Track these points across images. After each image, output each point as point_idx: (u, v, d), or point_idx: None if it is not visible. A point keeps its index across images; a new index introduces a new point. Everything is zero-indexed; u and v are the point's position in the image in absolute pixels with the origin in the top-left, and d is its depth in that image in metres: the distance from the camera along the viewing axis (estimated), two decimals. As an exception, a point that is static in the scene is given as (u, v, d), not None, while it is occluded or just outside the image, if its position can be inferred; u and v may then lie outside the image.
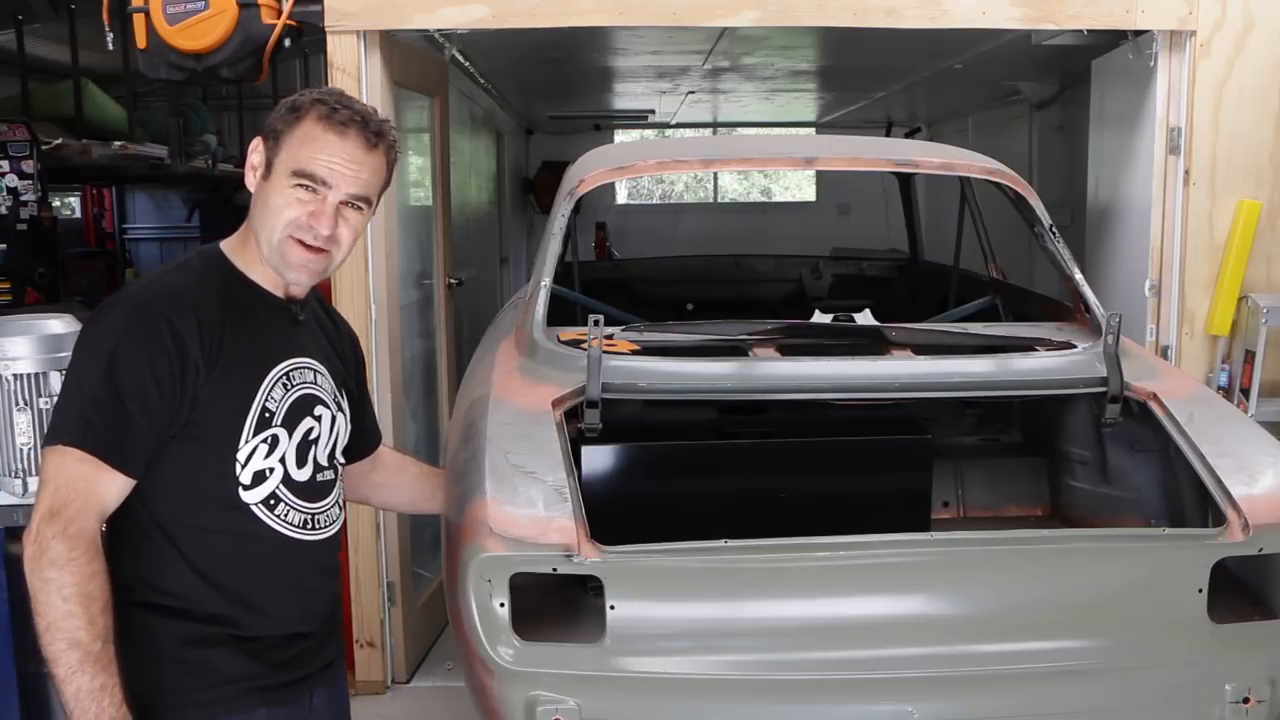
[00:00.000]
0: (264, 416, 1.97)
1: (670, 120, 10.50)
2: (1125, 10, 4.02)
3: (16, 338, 2.69)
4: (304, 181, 1.95)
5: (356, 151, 1.98)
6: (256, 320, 2.01)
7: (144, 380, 1.85)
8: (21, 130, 5.99)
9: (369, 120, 2.00)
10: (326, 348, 2.18)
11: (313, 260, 2.00)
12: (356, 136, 1.98)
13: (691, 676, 2.37)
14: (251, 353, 1.98)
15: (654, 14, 4.01)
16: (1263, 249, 4.12)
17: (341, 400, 2.17)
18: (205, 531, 1.94)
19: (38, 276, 6.17)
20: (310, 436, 2.06)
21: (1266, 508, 2.53)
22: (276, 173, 1.97)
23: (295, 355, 2.05)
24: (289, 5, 3.89)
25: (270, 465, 1.98)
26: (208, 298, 1.96)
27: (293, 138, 1.97)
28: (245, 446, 1.95)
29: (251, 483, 1.96)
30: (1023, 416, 3.79)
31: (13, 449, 2.70)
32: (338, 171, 1.96)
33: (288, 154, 1.97)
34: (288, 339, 2.06)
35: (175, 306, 1.90)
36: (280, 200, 1.97)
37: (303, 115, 1.98)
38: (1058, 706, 2.47)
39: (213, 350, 1.91)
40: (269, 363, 2.00)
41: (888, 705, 2.41)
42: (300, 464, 2.04)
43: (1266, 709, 2.48)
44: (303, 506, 2.04)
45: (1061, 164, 6.69)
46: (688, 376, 2.97)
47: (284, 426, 2.00)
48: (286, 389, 2.02)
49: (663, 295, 5.42)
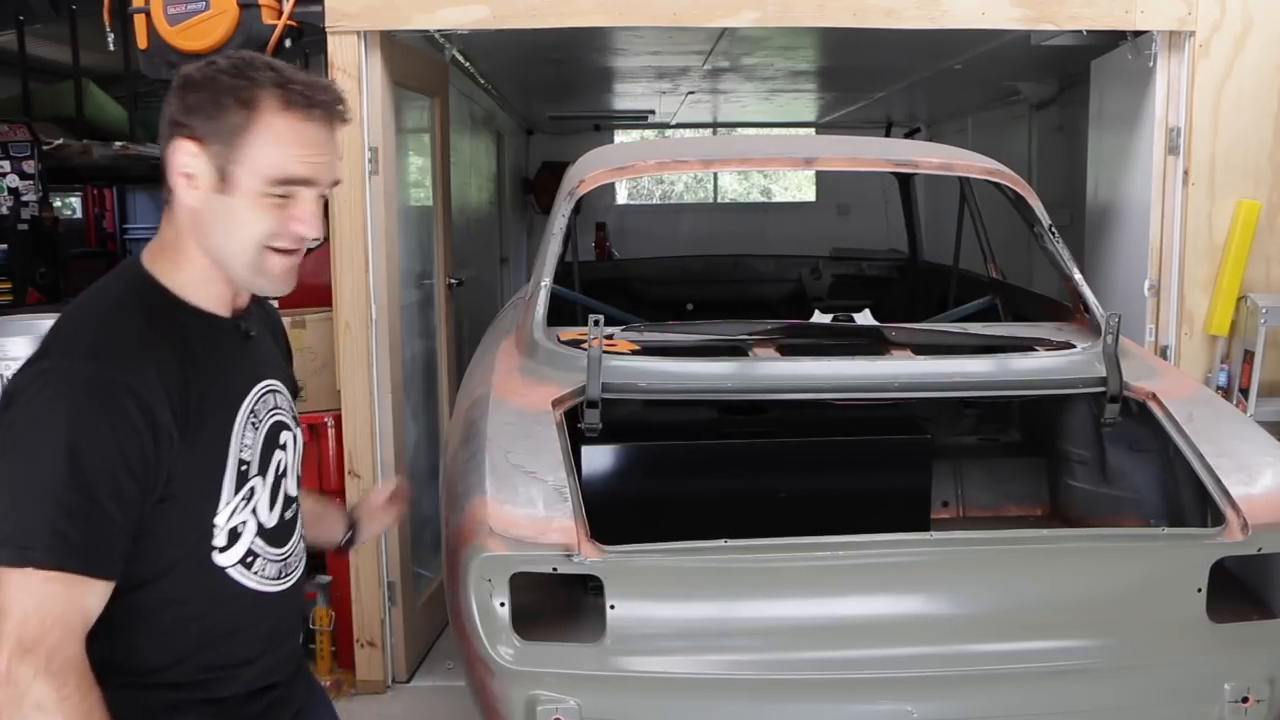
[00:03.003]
0: (241, 471, 1.68)
1: (670, 121, 10.49)
2: (1124, 11, 4.02)
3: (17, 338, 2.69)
4: (287, 190, 1.62)
5: (323, 135, 1.65)
6: (213, 355, 1.68)
7: (116, 471, 1.51)
8: (23, 130, 6.01)
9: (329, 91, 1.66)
10: (275, 354, 1.90)
11: (292, 264, 1.69)
12: (323, 116, 1.64)
13: (691, 676, 2.37)
14: (216, 399, 1.66)
15: (654, 14, 4.01)
16: (1262, 249, 4.12)
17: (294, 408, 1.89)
18: (180, 604, 1.65)
19: (39, 277, 6.18)
20: (280, 470, 1.78)
21: (1265, 507, 2.53)
22: (240, 183, 1.60)
23: (255, 382, 1.75)
24: (289, 6, 3.90)
25: (244, 519, 1.69)
26: (161, 345, 1.60)
27: (254, 136, 1.60)
28: (224, 510, 1.66)
29: (227, 543, 1.67)
30: (1022, 416, 3.80)
31: (14, 449, 2.70)
32: (319, 164, 1.64)
33: (256, 157, 1.60)
34: (245, 365, 1.75)
35: (132, 368, 1.55)
36: (254, 215, 1.62)
37: (257, 106, 1.60)
38: (1057, 706, 2.47)
39: (183, 410, 1.59)
40: (234, 404, 1.69)
41: (887, 705, 2.42)
42: (272, 506, 1.76)
43: (1266, 708, 2.48)
44: (276, 555, 1.76)
45: (1061, 164, 6.69)
46: (688, 376, 2.97)
47: (260, 473, 1.72)
48: (255, 429, 1.72)
49: (663, 295, 5.42)
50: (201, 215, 1.63)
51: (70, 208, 10.35)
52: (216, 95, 1.60)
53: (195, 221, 1.64)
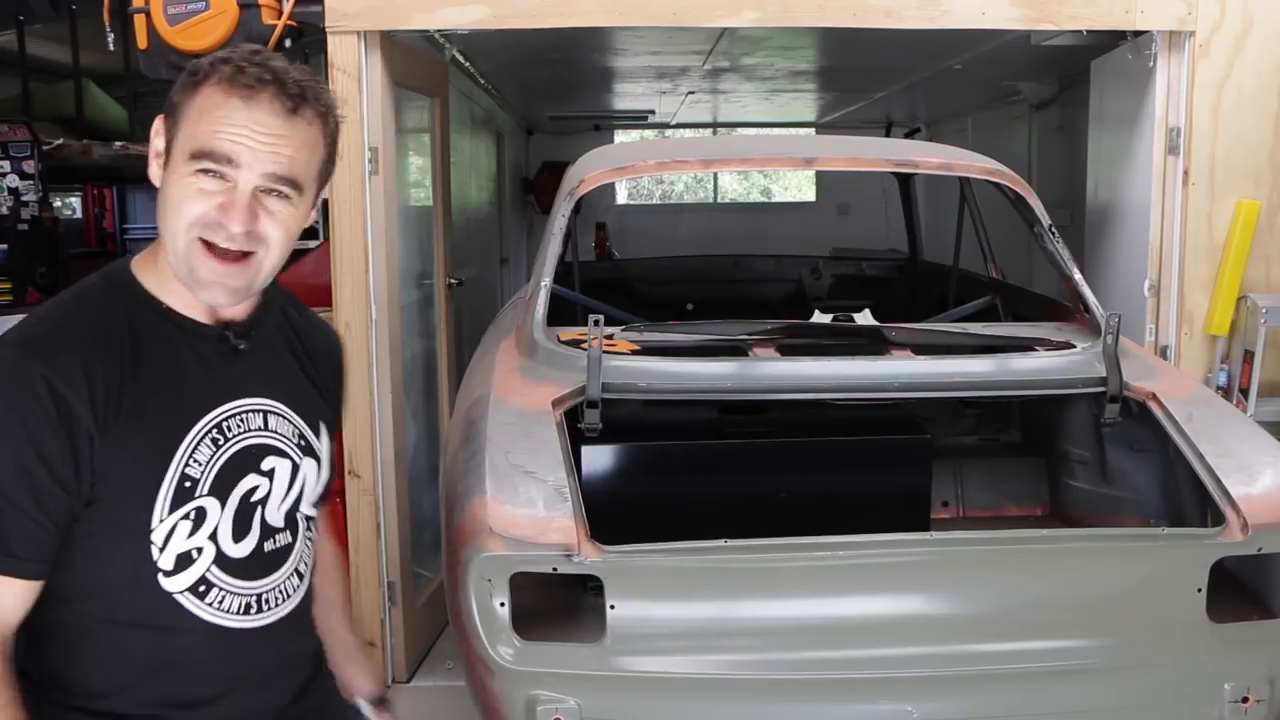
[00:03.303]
0: (183, 487, 1.54)
1: (670, 121, 10.49)
2: (1124, 11, 4.02)
3: (17, 338, 2.68)
4: (206, 165, 1.49)
5: (272, 119, 1.50)
6: (174, 360, 1.56)
7: (26, 462, 1.44)
8: (23, 130, 6.01)
9: (285, 79, 1.52)
10: (292, 377, 1.73)
11: (229, 273, 1.52)
12: (271, 101, 1.50)
13: (691, 676, 2.37)
14: (164, 406, 1.54)
15: (654, 14, 4.01)
16: (1262, 249, 4.12)
17: (314, 441, 1.74)
18: (121, 626, 1.54)
19: (39, 276, 6.18)
20: (254, 498, 1.62)
21: (1265, 507, 2.54)
22: (175, 157, 1.52)
23: (231, 399, 1.61)
24: (289, 6, 3.90)
25: (197, 545, 1.55)
26: (101, 339, 1.51)
27: (191, 109, 1.51)
28: (161, 527, 1.52)
29: (174, 568, 1.54)
30: (1022, 416, 3.80)
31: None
32: (246, 145, 1.49)
33: (186, 131, 1.51)
34: (220, 379, 1.60)
35: (55, 358, 1.47)
36: (179, 192, 1.51)
37: (202, 81, 1.51)
38: (1057, 706, 2.47)
39: (107, 410, 1.48)
40: (190, 416, 1.56)
41: (887, 705, 2.42)
42: (240, 535, 1.60)
43: (1265, 708, 2.48)
44: (243, 588, 1.61)
45: (1061, 164, 6.69)
46: (688, 376, 2.97)
47: (214, 495, 1.57)
48: (217, 446, 1.58)
49: (663, 295, 5.42)
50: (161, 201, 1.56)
51: (70, 208, 10.36)
52: (186, 72, 1.55)
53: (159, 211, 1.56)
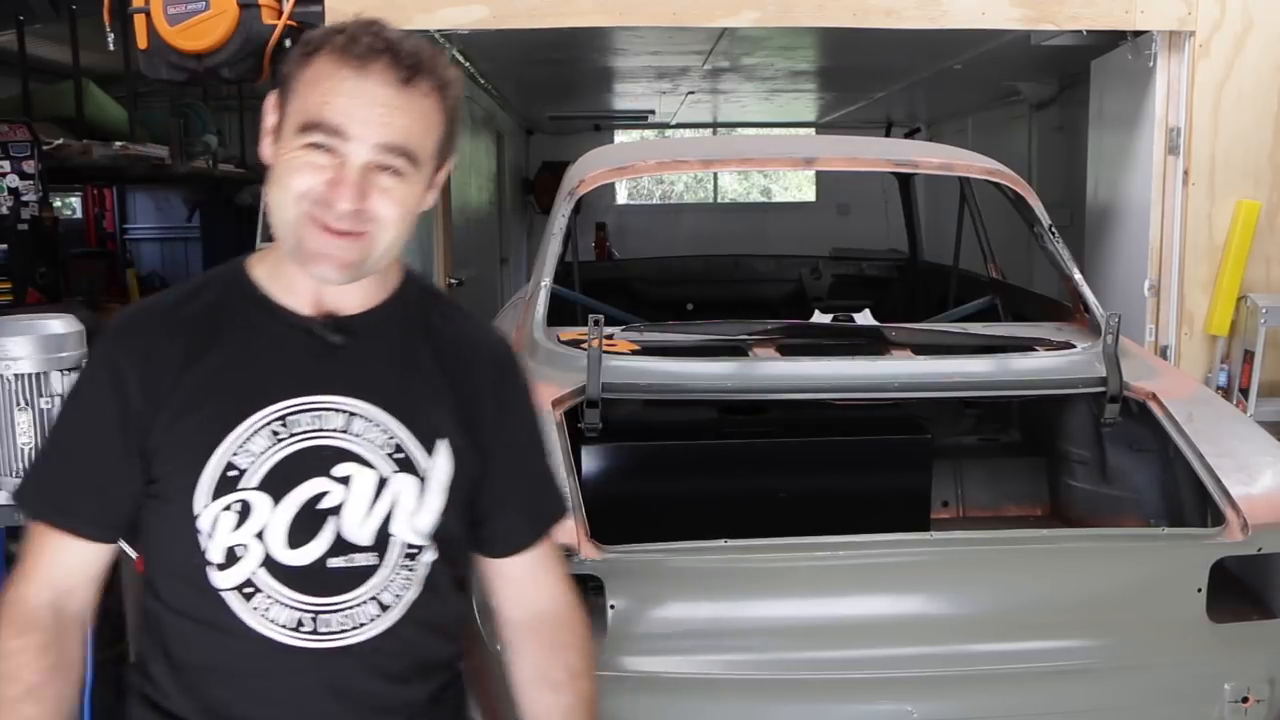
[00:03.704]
0: (227, 476, 1.45)
1: (670, 121, 10.50)
2: (1124, 11, 4.02)
3: (17, 337, 2.68)
4: (315, 138, 1.41)
5: (383, 90, 1.42)
6: (250, 346, 1.50)
7: (82, 422, 1.51)
8: (23, 130, 6.01)
9: (400, 49, 1.44)
10: (405, 385, 1.54)
11: (341, 245, 1.43)
12: (384, 71, 1.42)
13: (691, 676, 2.37)
14: (225, 390, 1.47)
15: (654, 14, 4.01)
16: (1261, 249, 4.12)
17: (419, 457, 1.52)
18: (178, 615, 1.49)
19: (39, 276, 6.18)
20: (322, 505, 1.48)
21: (1265, 507, 2.53)
22: (285, 131, 1.45)
23: (307, 393, 1.49)
24: (289, 5, 3.90)
25: (242, 541, 1.46)
26: (173, 321, 1.50)
27: (302, 81, 1.45)
28: (205, 514, 1.45)
29: (223, 562, 1.46)
30: (1022, 416, 3.79)
31: (13, 448, 2.70)
32: (357, 116, 1.41)
33: (297, 103, 1.44)
34: (300, 371, 1.50)
35: (127, 335, 1.51)
36: (287, 165, 1.44)
37: (314, 52, 1.45)
38: (1057, 706, 2.47)
39: (158, 390, 1.46)
40: (250, 404, 1.47)
41: (887, 705, 2.42)
42: (299, 541, 1.47)
43: (1265, 708, 2.48)
44: (295, 600, 1.47)
45: (1061, 164, 6.69)
46: (688, 376, 2.97)
47: (264, 490, 1.46)
48: (276, 439, 1.47)
49: (663, 295, 5.42)
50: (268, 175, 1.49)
51: (70, 208, 10.36)
52: (299, 44, 1.49)
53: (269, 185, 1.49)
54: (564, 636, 1.66)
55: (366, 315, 1.54)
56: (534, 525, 1.66)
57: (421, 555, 1.53)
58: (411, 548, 1.52)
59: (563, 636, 1.66)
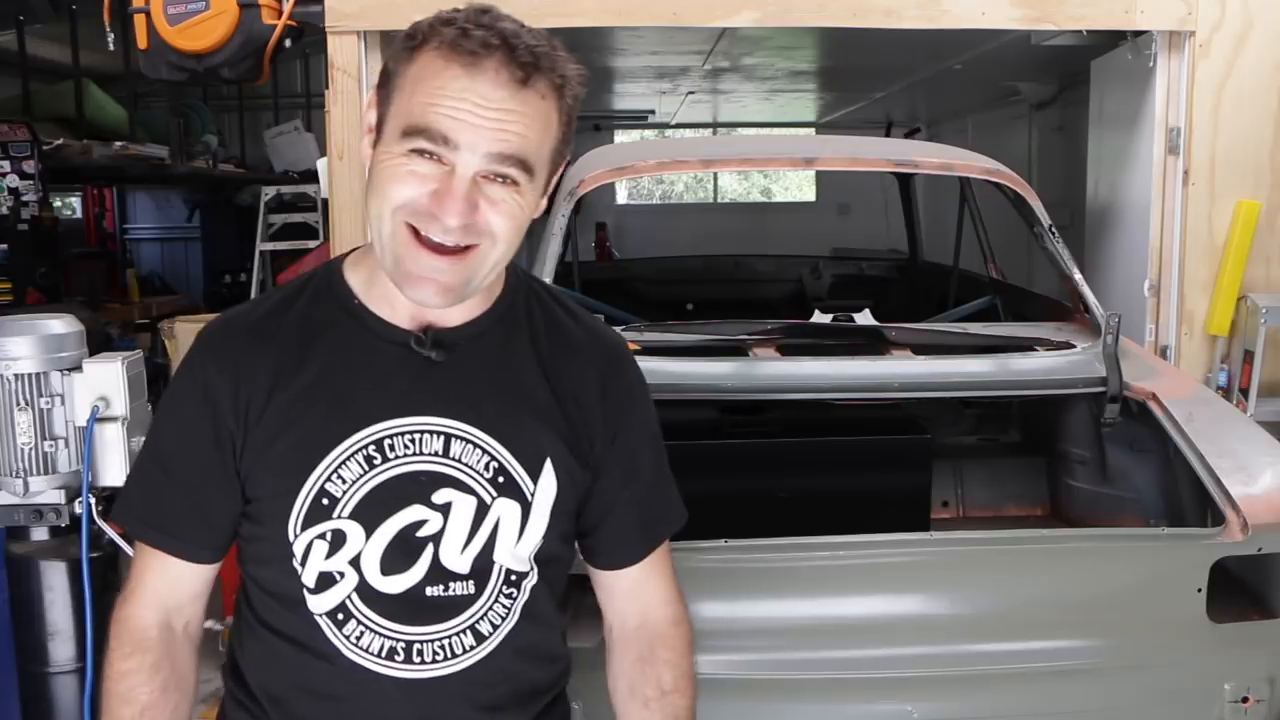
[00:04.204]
0: (319, 505, 1.38)
1: (670, 121, 10.50)
2: (1124, 11, 4.02)
3: (18, 338, 2.68)
4: (419, 144, 1.28)
5: (497, 91, 1.27)
6: (346, 364, 1.39)
7: (179, 439, 1.43)
8: (23, 130, 6.02)
9: (516, 44, 1.27)
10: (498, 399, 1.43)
11: (443, 267, 1.31)
12: (498, 70, 1.27)
13: (691, 676, 2.37)
14: (318, 413, 1.38)
15: (654, 14, 4.02)
16: (1262, 249, 4.12)
17: (523, 480, 1.43)
18: (272, 633, 1.44)
19: (39, 276, 6.20)
20: (421, 532, 1.40)
21: (1265, 507, 2.53)
22: (386, 133, 1.32)
23: (404, 415, 1.39)
24: (289, 6, 3.90)
25: (338, 568, 1.39)
26: (263, 336, 1.40)
27: (406, 78, 1.30)
28: (298, 541, 1.39)
29: (317, 587, 1.40)
30: (1022, 416, 3.80)
31: (13, 449, 2.70)
32: (466, 122, 1.26)
33: (400, 103, 1.30)
34: (396, 391, 1.39)
35: (219, 349, 1.42)
36: (386, 172, 1.30)
37: (420, 45, 1.30)
38: (1057, 706, 2.47)
39: (249, 412, 1.38)
40: (343, 428, 1.38)
41: (887, 705, 2.42)
42: (391, 569, 1.39)
43: (1265, 708, 2.48)
44: (389, 629, 1.40)
45: (1061, 164, 6.69)
46: (688, 376, 2.97)
47: (356, 519, 1.38)
48: (370, 466, 1.38)
49: (663, 295, 5.42)
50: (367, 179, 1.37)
51: (70, 208, 10.36)
52: (404, 35, 1.34)
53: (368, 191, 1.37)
54: (661, 653, 1.61)
55: (468, 326, 1.43)
56: (644, 538, 1.59)
57: (524, 581, 1.46)
58: (513, 574, 1.45)
59: (660, 652, 1.60)
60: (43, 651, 2.61)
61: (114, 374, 2.62)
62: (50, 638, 2.61)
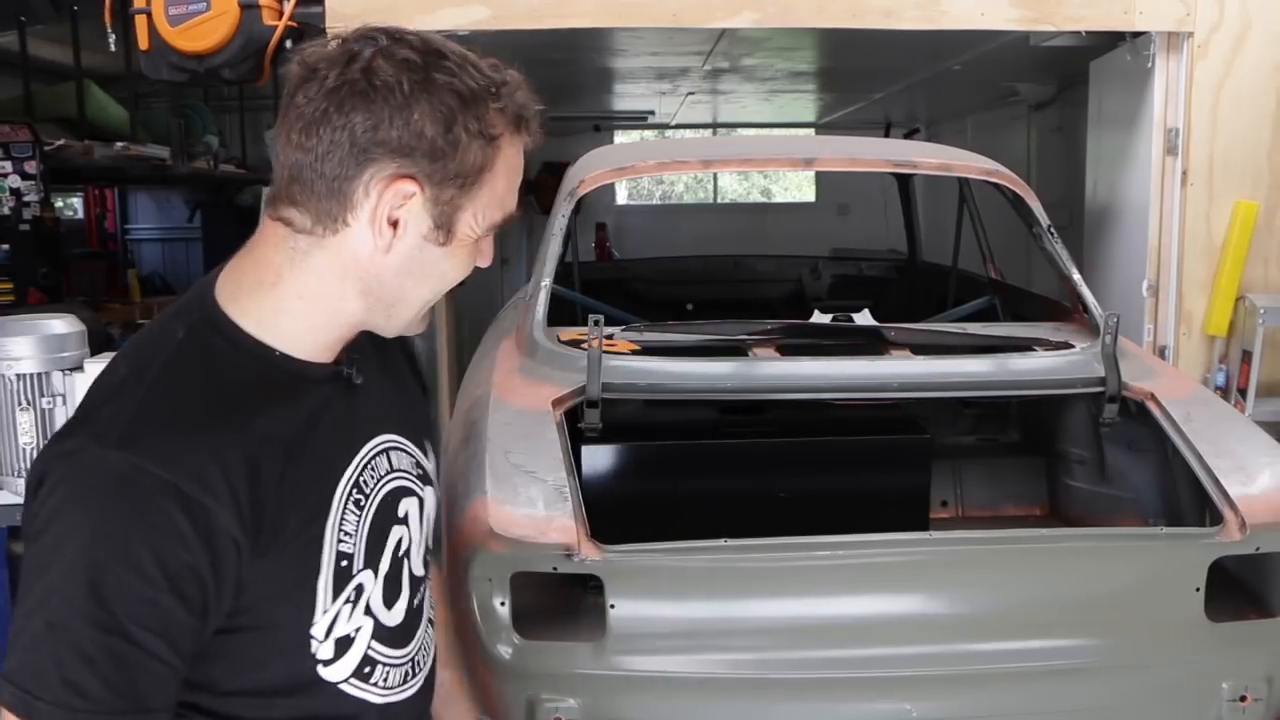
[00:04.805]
0: (340, 568, 1.29)
1: (670, 121, 10.50)
2: (1123, 11, 4.03)
3: (19, 338, 2.70)
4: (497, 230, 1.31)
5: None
6: (300, 421, 1.27)
7: (156, 594, 1.13)
8: (24, 131, 6.02)
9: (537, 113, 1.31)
10: (391, 392, 1.45)
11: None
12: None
13: (691, 675, 2.38)
14: (305, 481, 1.27)
15: (654, 15, 4.02)
16: (1260, 249, 4.13)
17: (428, 465, 1.47)
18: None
19: (40, 277, 6.20)
20: (400, 552, 1.39)
21: (1264, 507, 2.54)
22: (463, 229, 1.26)
23: (360, 443, 1.36)
24: (290, 7, 3.91)
25: (357, 625, 1.32)
26: (226, 417, 1.21)
27: (495, 177, 1.25)
28: (323, 619, 1.28)
29: (334, 655, 1.30)
30: (1021, 416, 3.80)
31: (15, 449, 2.71)
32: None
33: (489, 198, 1.26)
34: (345, 427, 1.34)
35: (179, 454, 1.16)
36: (460, 263, 1.29)
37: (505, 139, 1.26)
38: (1056, 705, 2.48)
39: (256, 510, 1.20)
40: (329, 484, 1.30)
41: (887, 704, 2.42)
42: (392, 601, 1.37)
43: (1264, 707, 2.49)
44: (398, 658, 1.39)
45: (1060, 165, 6.69)
46: (688, 376, 2.97)
47: (368, 566, 1.33)
48: (360, 509, 1.32)
49: (663, 295, 5.43)
50: (390, 266, 1.25)
51: (72, 208, 10.37)
52: (452, 121, 1.20)
53: (371, 270, 1.25)
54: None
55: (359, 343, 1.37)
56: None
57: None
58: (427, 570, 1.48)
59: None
60: None
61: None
62: (52, 637, 2.61)
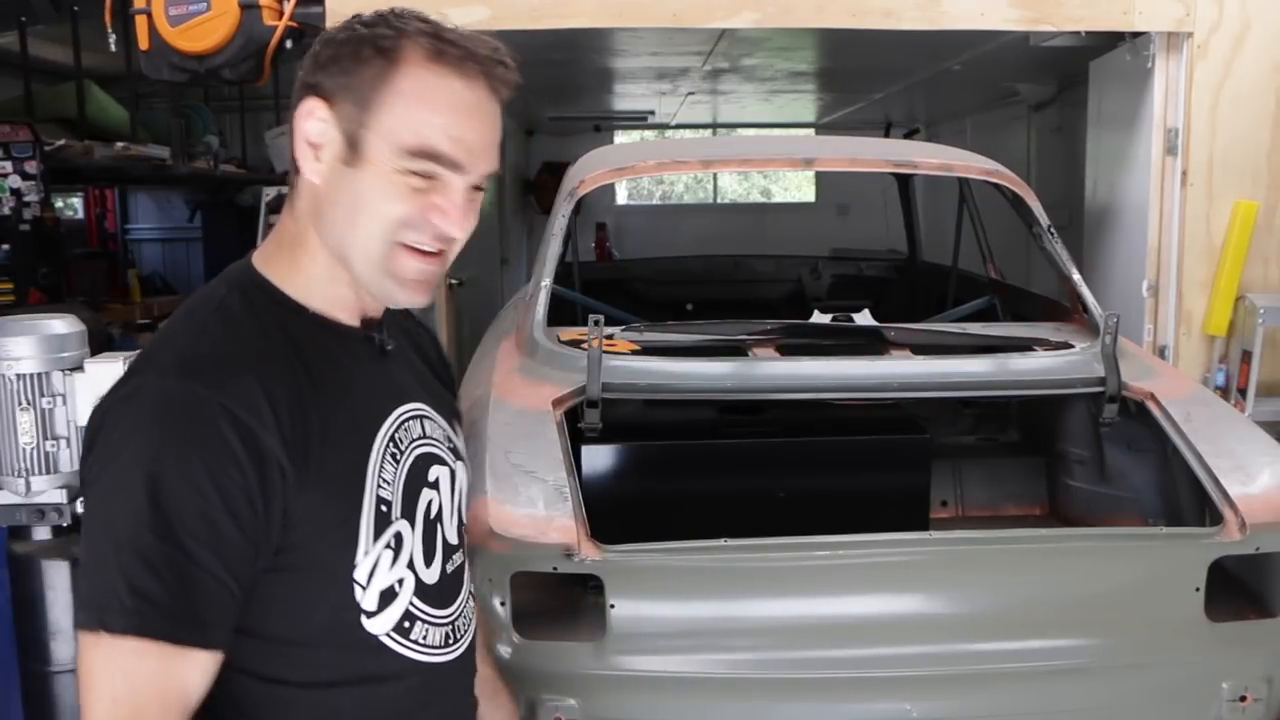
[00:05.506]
0: (380, 512, 1.34)
1: (670, 121, 10.50)
2: (1123, 12, 4.03)
3: (19, 337, 2.69)
4: (425, 166, 1.29)
5: (484, 102, 1.32)
6: (340, 371, 1.36)
7: (210, 510, 1.20)
8: (25, 131, 6.02)
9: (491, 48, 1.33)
10: (424, 374, 1.54)
11: (431, 270, 1.35)
12: (482, 78, 1.31)
13: (691, 675, 2.38)
14: (345, 423, 1.33)
15: (654, 15, 4.02)
16: (1260, 249, 4.13)
17: (458, 441, 1.55)
18: (321, 688, 1.33)
19: (41, 277, 6.19)
20: (433, 514, 1.43)
21: (1263, 507, 2.54)
22: (372, 151, 1.29)
23: (395, 404, 1.42)
24: (290, 7, 3.91)
25: (398, 576, 1.36)
26: (272, 356, 1.30)
27: (392, 95, 1.28)
28: (365, 560, 1.32)
29: (378, 606, 1.34)
30: (1021, 416, 3.80)
31: (15, 449, 2.71)
32: (469, 142, 1.30)
33: (392, 121, 1.28)
34: (382, 384, 1.42)
35: (229, 383, 1.24)
36: (382, 193, 1.29)
37: (399, 58, 1.28)
38: (1056, 705, 2.48)
39: (299, 436, 1.27)
40: (368, 431, 1.37)
41: (886, 704, 2.42)
42: (429, 559, 1.41)
43: (1263, 707, 2.49)
44: (439, 617, 1.42)
45: (1059, 165, 6.69)
46: (688, 376, 2.98)
47: (405, 516, 1.38)
48: (396, 461, 1.38)
49: (663, 295, 5.42)
50: (324, 196, 1.32)
51: (72, 208, 10.36)
52: (354, 44, 1.30)
53: (317, 204, 1.33)
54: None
55: (388, 321, 1.46)
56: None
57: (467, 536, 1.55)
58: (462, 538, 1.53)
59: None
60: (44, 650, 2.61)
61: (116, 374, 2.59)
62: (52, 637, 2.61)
